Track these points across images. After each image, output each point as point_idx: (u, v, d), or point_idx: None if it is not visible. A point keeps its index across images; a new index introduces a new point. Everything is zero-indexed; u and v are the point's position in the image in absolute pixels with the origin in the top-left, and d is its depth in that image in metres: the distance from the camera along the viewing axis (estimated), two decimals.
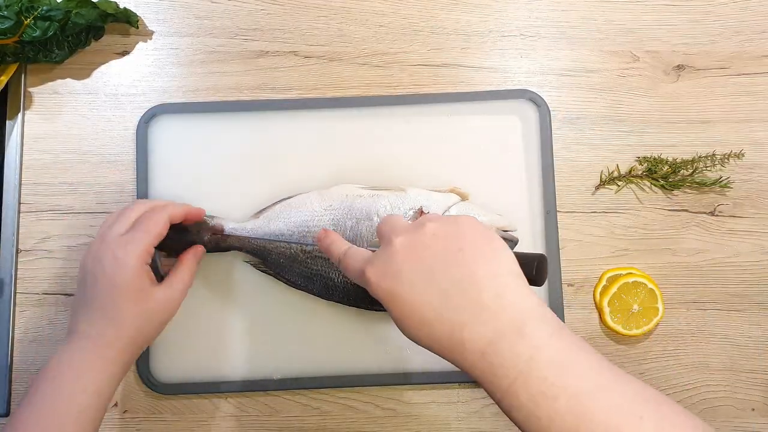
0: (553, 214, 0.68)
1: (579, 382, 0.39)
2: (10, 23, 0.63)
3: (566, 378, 0.39)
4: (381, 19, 0.72)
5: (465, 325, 0.42)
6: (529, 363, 0.40)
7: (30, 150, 0.70)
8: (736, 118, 0.71)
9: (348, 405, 0.67)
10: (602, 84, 0.71)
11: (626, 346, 0.68)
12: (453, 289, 0.44)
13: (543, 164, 0.69)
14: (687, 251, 0.70)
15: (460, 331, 0.42)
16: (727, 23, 0.73)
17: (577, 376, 0.39)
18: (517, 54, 0.72)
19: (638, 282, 0.67)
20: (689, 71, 0.72)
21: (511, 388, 0.40)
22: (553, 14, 0.73)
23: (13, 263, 0.68)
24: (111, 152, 0.70)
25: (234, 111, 0.69)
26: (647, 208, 0.70)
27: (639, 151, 0.70)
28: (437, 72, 0.71)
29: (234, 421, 0.67)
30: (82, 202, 0.69)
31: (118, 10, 0.69)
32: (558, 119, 0.70)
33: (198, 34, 0.72)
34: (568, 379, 0.39)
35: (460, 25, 0.72)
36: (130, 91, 0.71)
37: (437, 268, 0.45)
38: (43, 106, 0.71)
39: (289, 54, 0.72)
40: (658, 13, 0.73)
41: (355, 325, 0.67)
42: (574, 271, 0.69)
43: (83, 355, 0.54)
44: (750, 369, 0.67)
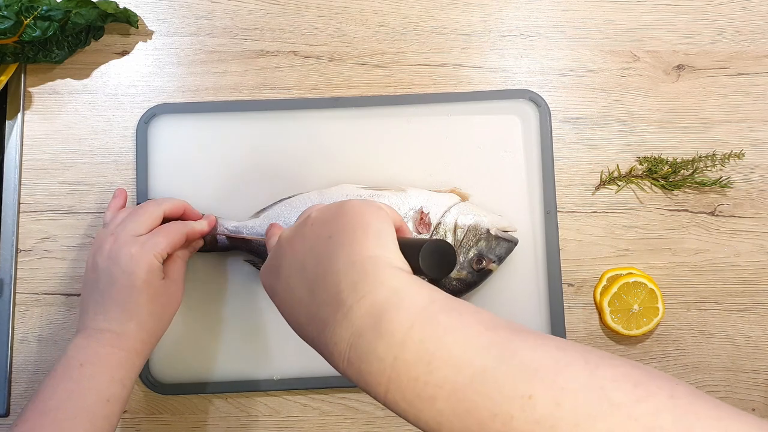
0: (553, 214, 0.68)
1: (454, 374, 0.31)
2: (10, 23, 0.63)
3: (438, 373, 0.32)
4: (381, 19, 0.72)
5: (326, 326, 0.37)
6: (394, 365, 0.33)
7: (30, 150, 0.70)
8: (736, 118, 0.71)
9: (348, 405, 0.67)
10: (602, 84, 0.71)
11: (626, 346, 0.68)
12: (318, 283, 0.38)
13: (543, 164, 0.68)
14: (687, 251, 0.70)
15: (324, 333, 0.37)
16: (727, 23, 0.72)
17: (451, 367, 0.32)
18: (518, 54, 0.72)
19: (638, 282, 0.67)
20: (689, 71, 0.72)
21: (388, 397, 0.33)
22: (554, 14, 0.73)
23: (13, 263, 0.68)
24: (111, 152, 0.70)
25: (234, 111, 0.69)
26: (647, 208, 0.70)
27: (639, 151, 0.70)
28: (437, 72, 0.71)
29: (234, 421, 0.67)
30: (81, 202, 0.69)
31: (118, 10, 0.69)
32: (558, 119, 0.70)
33: (198, 34, 0.72)
34: (440, 373, 0.32)
35: (460, 24, 0.72)
36: (129, 91, 0.71)
37: (307, 260, 0.40)
38: (42, 106, 0.71)
39: (288, 54, 0.72)
40: (659, 13, 0.73)
41: None
42: (575, 271, 0.69)
43: (108, 348, 0.55)
44: (750, 369, 0.67)
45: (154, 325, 0.58)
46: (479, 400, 0.30)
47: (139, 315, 0.57)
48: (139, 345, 0.57)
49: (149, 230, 0.59)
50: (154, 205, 0.61)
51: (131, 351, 0.56)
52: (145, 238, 0.58)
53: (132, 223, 0.59)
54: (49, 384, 0.53)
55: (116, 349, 0.55)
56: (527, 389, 0.30)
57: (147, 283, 0.57)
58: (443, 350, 0.32)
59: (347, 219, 0.40)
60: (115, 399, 0.54)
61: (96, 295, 0.58)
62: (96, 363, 0.54)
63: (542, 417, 0.29)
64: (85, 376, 0.53)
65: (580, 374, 0.29)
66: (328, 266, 0.38)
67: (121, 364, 0.55)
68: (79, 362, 0.54)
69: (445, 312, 0.34)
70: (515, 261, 0.67)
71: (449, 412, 0.31)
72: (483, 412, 0.30)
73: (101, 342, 0.56)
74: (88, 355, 0.55)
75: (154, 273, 0.57)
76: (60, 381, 0.53)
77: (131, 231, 0.58)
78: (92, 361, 0.54)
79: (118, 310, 0.56)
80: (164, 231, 0.59)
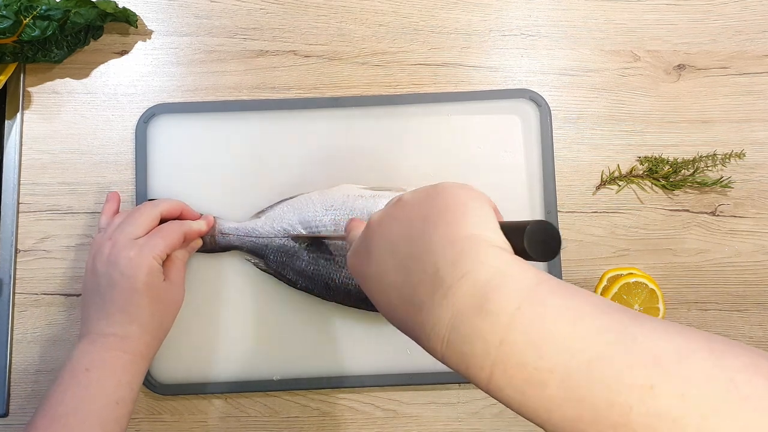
0: (553, 214, 0.68)
1: (566, 359, 0.29)
2: (9, 23, 0.63)
3: (549, 358, 0.29)
4: (381, 19, 0.72)
5: (422, 308, 0.34)
6: (500, 349, 0.31)
7: (29, 150, 0.70)
8: (737, 118, 0.71)
9: (348, 406, 0.67)
10: (603, 83, 0.71)
11: None
12: (413, 264, 0.36)
13: (543, 164, 0.68)
14: (688, 251, 0.69)
15: (420, 315, 0.35)
16: (728, 23, 0.72)
17: (563, 351, 0.29)
18: (518, 53, 0.72)
19: (639, 282, 0.67)
20: (690, 71, 0.72)
21: (491, 383, 0.31)
22: (554, 13, 0.72)
23: (12, 263, 0.68)
24: (110, 152, 0.70)
25: (233, 111, 0.69)
26: (648, 208, 0.70)
27: (640, 150, 0.70)
28: (437, 71, 0.71)
29: (233, 421, 0.67)
30: (81, 202, 0.69)
31: (117, 9, 0.69)
32: (559, 119, 0.70)
33: (197, 34, 0.72)
34: (551, 358, 0.29)
35: (460, 24, 0.72)
36: (129, 91, 0.71)
37: (400, 242, 0.38)
38: (42, 105, 0.70)
39: (288, 53, 0.71)
40: (659, 13, 0.72)
41: (355, 325, 0.66)
42: (575, 271, 0.69)
43: (112, 353, 0.56)
44: None
45: (157, 327, 0.58)
46: (595, 387, 0.28)
47: (141, 317, 0.57)
48: (143, 347, 0.57)
49: (147, 232, 0.60)
50: (150, 207, 0.61)
51: (136, 354, 0.56)
52: (143, 241, 0.58)
53: (129, 226, 0.59)
54: (57, 390, 0.53)
55: (121, 352, 0.56)
56: (648, 378, 0.27)
57: (147, 285, 0.57)
58: (554, 333, 0.30)
59: (443, 199, 0.38)
60: (124, 402, 0.54)
61: (97, 299, 0.58)
62: (102, 367, 0.55)
63: (664, 409, 0.26)
64: (93, 380, 0.54)
65: (705, 363, 0.27)
66: (423, 246, 0.36)
67: (126, 368, 0.55)
68: (85, 367, 0.54)
69: (554, 293, 0.31)
70: None
71: (561, 400, 0.29)
72: (599, 401, 0.28)
73: (105, 346, 0.56)
74: (93, 360, 0.55)
75: (154, 275, 0.58)
76: (68, 387, 0.53)
77: (129, 234, 0.59)
78: (98, 366, 0.55)
79: (120, 313, 0.56)
80: (162, 232, 0.60)
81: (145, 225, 0.60)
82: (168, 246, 0.59)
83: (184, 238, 0.61)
